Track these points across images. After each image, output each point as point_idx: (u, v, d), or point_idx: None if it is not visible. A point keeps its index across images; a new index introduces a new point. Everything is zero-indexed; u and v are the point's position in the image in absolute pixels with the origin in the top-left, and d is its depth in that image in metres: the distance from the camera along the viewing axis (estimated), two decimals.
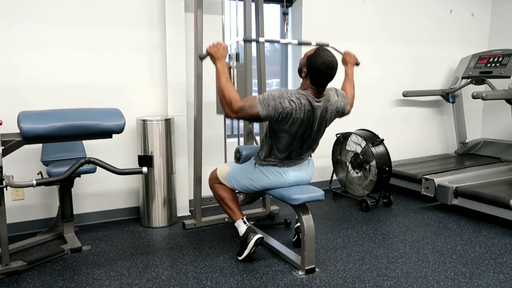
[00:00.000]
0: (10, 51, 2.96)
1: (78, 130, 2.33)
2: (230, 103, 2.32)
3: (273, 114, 2.31)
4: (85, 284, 2.37)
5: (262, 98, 2.32)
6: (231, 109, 2.33)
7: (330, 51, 2.35)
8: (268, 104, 2.30)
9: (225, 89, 2.32)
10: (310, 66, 2.32)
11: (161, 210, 3.31)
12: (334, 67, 2.32)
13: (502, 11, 5.11)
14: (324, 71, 2.30)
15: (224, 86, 2.33)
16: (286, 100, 2.30)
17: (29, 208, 3.16)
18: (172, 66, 3.41)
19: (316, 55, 2.31)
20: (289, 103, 2.30)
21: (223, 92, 2.33)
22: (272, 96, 2.31)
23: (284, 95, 2.31)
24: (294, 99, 2.32)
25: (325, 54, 2.31)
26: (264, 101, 2.30)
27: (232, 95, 2.32)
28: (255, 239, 2.59)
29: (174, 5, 3.34)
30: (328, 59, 2.30)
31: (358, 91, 4.43)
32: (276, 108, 2.30)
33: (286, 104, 2.30)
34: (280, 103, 2.29)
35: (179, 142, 3.49)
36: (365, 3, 4.35)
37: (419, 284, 2.37)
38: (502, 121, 5.07)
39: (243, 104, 2.33)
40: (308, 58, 2.35)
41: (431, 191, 3.74)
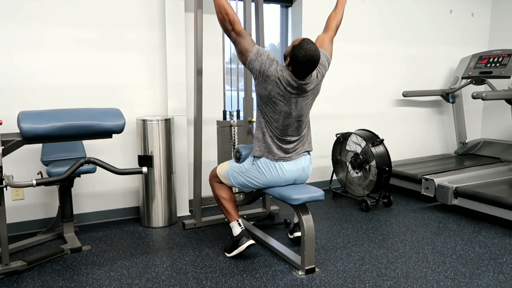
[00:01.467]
0: (10, 51, 2.96)
1: (78, 130, 2.33)
2: (233, 22, 2.41)
3: (256, 65, 2.41)
4: (85, 284, 2.37)
5: (259, 48, 2.45)
6: (233, 28, 2.42)
7: (314, 43, 2.39)
8: (261, 55, 2.41)
9: (228, 8, 2.40)
10: (292, 56, 2.38)
11: (161, 210, 3.31)
12: (316, 61, 2.37)
13: (502, 11, 5.12)
14: (304, 63, 2.35)
15: (227, 4, 2.41)
16: (274, 66, 2.41)
17: (29, 208, 3.16)
18: (172, 66, 3.41)
19: (300, 47, 2.35)
20: (275, 70, 2.40)
21: (226, 9, 2.39)
22: (267, 54, 2.43)
23: (275, 62, 2.43)
24: (279, 70, 2.42)
25: (308, 47, 2.34)
26: (259, 51, 2.43)
27: (236, 17, 2.42)
28: (247, 245, 2.64)
29: (174, 5, 3.34)
30: (311, 52, 2.34)
31: (359, 91, 4.47)
32: (262, 64, 2.40)
33: (272, 68, 2.40)
34: (269, 63, 2.40)
35: (179, 142, 3.49)
36: (365, 3, 4.35)
37: (419, 284, 2.37)
38: (502, 121, 5.08)
39: (244, 34, 2.44)
40: (292, 48, 2.39)
41: (431, 191, 3.74)
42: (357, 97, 4.51)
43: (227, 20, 2.40)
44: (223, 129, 3.26)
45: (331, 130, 4.14)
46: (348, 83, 4.39)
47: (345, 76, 4.36)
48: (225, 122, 3.27)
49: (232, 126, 3.28)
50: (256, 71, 2.44)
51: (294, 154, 2.61)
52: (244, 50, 2.45)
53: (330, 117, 4.31)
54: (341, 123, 4.35)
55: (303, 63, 2.34)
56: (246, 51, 2.44)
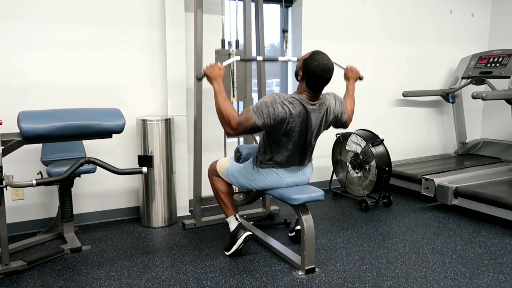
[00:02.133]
0: (10, 50, 2.96)
1: (78, 130, 2.33)
2: (228, 121, 2.33)
3: (269, 121, 2.30)
4: (85, 284, 2.37)
5: (255, 107, 2.32)
6: (230, 127, 2.34)
7: (326, 54, 2.35)
8: (262, 112, 2.29)
9: (223, 108, 2.33)
10: (305, 69, 2.32)
11: (161, 210, 3.31)
12: (330, 70, 2.32)
13: (502, 11, 5.12)
14: (319, 74, 2.30)
15: (222, 105, 2.34)
16: (279, 105, 2.30)
17: (29, 208, 3.16)
18: (172, 66, 3.41)
19: (311, 58, 2.31)
20: (282, 108, 2.30)
21: (221, 111, 2.34)
22: (264, 103, 2.30)
23: (277, 100, 2.31)
24: (287, 103, 2.32)
25: (320, 58, 2.30)
26: (258, 110, 2.30)
27: (230, 113, 2.33)
28: (244, 236, 2.64)
29: (174, 5, 3.34)
30: (323, 62, 2.29)
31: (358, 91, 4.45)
32: (270, 115, 2.29)
33: (280, 109, 2.30)
34: (273, 108, 2.29)
35: (179, 142, 3.49)
36: (365, 3, 4.35)
37: (419, 284, 2.37)
38: (502, 121, 5.08)
39: (240, 119, 2.33)
40: (304, 61, 2.35)
41: (431, 191, 3.74)
42: (357, 97, 4.47)
43: (222, 121, 2.35)
44: (222, 57, 3.10)
45: (331, 130, 4.12)
46: None
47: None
48: (224, 50, 3.14)
49: (230, 55, 3.14)
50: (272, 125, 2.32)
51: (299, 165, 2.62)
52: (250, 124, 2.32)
53: None
54: None
55: (317, 73, 2.29)
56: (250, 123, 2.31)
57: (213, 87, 2.43)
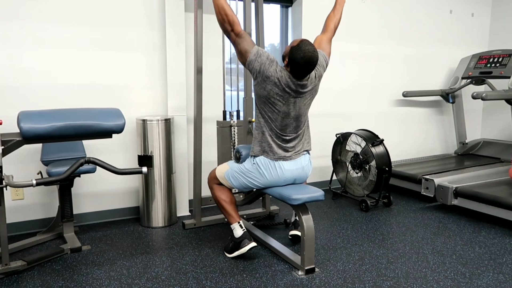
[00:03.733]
0: (10, 50, 2.96)
1: (78, 130, 2.33)
2: (233, 23, 2.41)
3: (258, 66, 2.41)
4: (85, 284, 2.37)
5: (259, 48, 2.46)
6: (233, 28, 2.42)
7: (313, 44, 2.40)
8: (261, 56, 2.42)
9: (227, 8, 2.40)
10: (290, 57, 2.39)
11: (161, 210, 3.31)
12: (314, 62, 2.39)
13: (502, 11, 5.12)
14: (302, 65, 2.37)
15: (226, 5, 2.41)
16: (274, 66, 2.42)
17: (28, 207, 3.16)
18: (172, 66, 3.41)
19: (298, 48, 2.36)
20: (275, 71, 2.41)
21: (226, 10, 2.40)
22: (266, 55, 2.44)
23: (274, 63, 2.44)
24: (279, 70, 2.43)
25: (306, 49, 2.35)
26: (258, 51, 2.44)
27: (235, 18, 2.43)
28: (249, 247, 2.64)
29: (174, 5, 3.34)
30: (309, 54, 2.35)
31: (358, 91, 4.47)
32: (262, 64, 2.41)
33: (271, 69, 2.41)
34: (268, 64, 2.41)
35: (179, 142, 3.49)
36: (365, 3, 4.35)
37: (419, 284, 2.37)
38: (502, 121, 5.07)
39: (243, 35, 2.44)
40: (291, 49, 2.41)
41: (431, 191, 3.74)
42: (357, 97, 4.51)
43: (227, 21, 2.41)
44: (223, 129, 3.26)
45: (331, 130, 4.13)
46: (348, 83, 4.39)
47: (345, 76, 4.36)
48: (225, 122, 3.28)
49: (232, 126, 3.28)
50: (255, 72, 2.44)
51: (294, 153, 2.61)
52: (244, 50, 2.45)
53: (330, 117, 4.31)
54: (341, 123, 4.35)
55: (301, 64, 2.36)
56: (245, 51, 2.45)
57: None
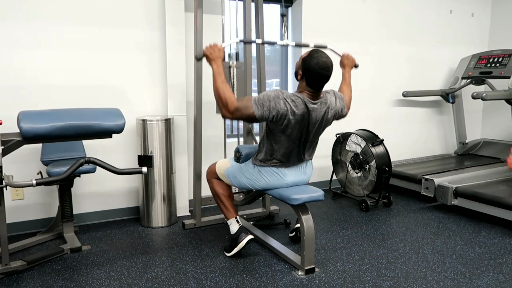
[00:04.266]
0: (10, 50, 2.96)
1: (78, 130, 2.33)
2: (226, 104, 2.33)
3: (268, 114, 2.31)
4: (85, 284, 2.37)
5: (257, 98, 2.33)
6: (227, 110, 2.34)
7: (324, 52, 2.36)
8: (263, 105, 2.30)
9: (221, 90, 2.34)
10: (304, 68, 2.34)
11: (161, 210, 3.31)
12: (329, 68, 2.33)
13: (502, 11, 5.11)
14: (318, 72, 2.31)
15: (220, 87, 2.35)
16: (282, 101, 2.31)
17: (28, 207, 3.16)
18: (172, 66, 3.41)
19: (310, 57, 2.32)
20: (284, 105, 2.31)
21: (219, 93, 2.34)
22: (267, 97, 2.32)
23: (280, 96, 2.32)
24: (290, 101, 2.32)
25: (319, 56, 2.31)
26: (259, 102, 2.31)
27: (228, 96, 2.34)
28: (246, 240, 2.63)
29: (174, 5, 3.34)
30: (322, 60, 2.30)
31: (358, 91, 4.45)
32: (271, 109, 2.30)
33: (281, 105, 2.30)
34: (275, 103, 2.30)
35: (179, 142, 3.49)
36: (365, 3, 4.35)
37: (419, 284, 2.37)
38: (502, 121, 5.07)
39: (238, 105, 2.34)
40: (303, 60, 2.36)
41: (431, 191, 3.74)
42: (357, 97, 4.47)
43: (220, 104, 2.35)
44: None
45: (331, 130, 4.09)
46: None
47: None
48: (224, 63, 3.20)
49: (231, 67, 3.16)
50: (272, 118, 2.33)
51: (298, 162, 2.62)
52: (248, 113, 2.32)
53: None
54: (341, 123, 4.32)
55: (317, 71, 2.30)
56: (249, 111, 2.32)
57: (212, 68, 2.42)
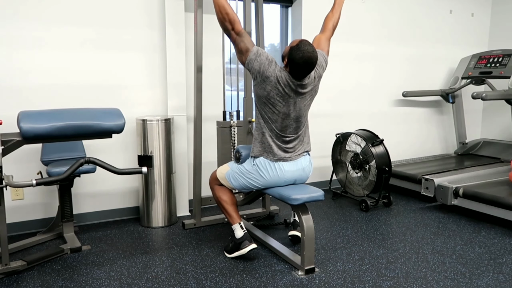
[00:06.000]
0: (10, 50, 2.96)
1: (78, 130, 2.33)
2: (233, 22, 2.42)
3: (257, 66, 2.41)
4: (85, 284, 2.37)
5: (259, 49, 2.46)
6: (233, 27, 2.43)
7: (312, 45, 2.40)
8: (260, 55, 2.42)
9: (228, 7, 2.41)
10: (290, 58, 2.39)
11: (161, 210, 3.31)
12: (313, 63, 2.39)
13: (502, 11, 5.11)
14: (302, 64, 2.37)
15: (227, 4, 2.42)
16: (273, 67, 2.42)
17: (28, 207, 3.16)
18: (172, 66, 3.41)
19: (297, 48, 2.37)
20: (274, 71, 2.41)
21: (226, 9, 2.41)
22: (266, 55, 2.45)
23: (273, 63, 2.44)
24: (277, 70, 2.43)
25: (306, 49, 2.35)
26: (259, 51, 2.44)
27: (236, 17, 2.43)
28: (249, 249, 2.63)
29: (174, 5, 3.34)
30: (308, 54, 2.35)
31: (358, 91, 4.47)
32: (261, 65, 2.41)
33: (271, 69, 2.41)
34: (267, 64, 2.41)
35: (179, 142, 3.49)
36: (365, 3, 4.35)
37: (419, 284, 2.37)
38: (502, 121, 5.07)
39: (244, 34, 2.45)
40: (290, 50, 2.41)
41: (430, 191, 3.74)
42: (357, 97, 4.50)
43: (227, 19, 2.41)
44: (223, 129, 3.26)
45: (331, 130, 4.13)
46: (348, 83, 4.39)
47: (345, 76, 4.36)
48: (225, 122, 3.28)
49: (232, 127, 3.28)
50: (255, 71, 2.44)
51: (294, 154, 2.61)
52: (244, 50, 2.46)
53: (330, 117, 4.31)
54: (341, 123, 4.35)
55: (301, 65, 2.36)
56: (245, 51, 2.45)
57: None
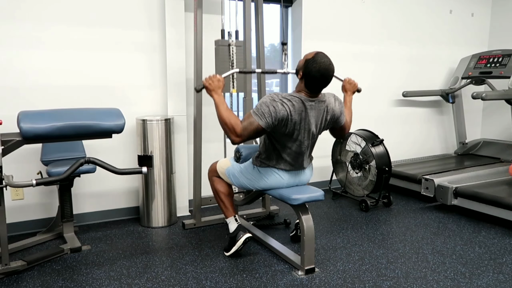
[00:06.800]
0: (10, 50, 2.96)
1: (77, 130, 2.33)
2: (233, 129, 2.31)
3: (271, 120, 2.29)
4: (85, 284, 2.37)
5: (256, 110, 2.31)
6: (236, 134, 2.31)
7: (328, 57, 2.35)
8: (264, 112, 2.28)
9: (226, 118, 2.32)
10: (306, 70, 2.33)
11: (161, 210, 3.31)
12: (330, 75, 2.33)
13: (502, 11, 5.12)
14: (318, 78, 2.31)
15: (224, 114, 2.33)
16: (279, 103, 2.30)
17: (28, 207, 3.16)
18: (172, 66, 3.41)
19: (313, 61, 2.31)
20: (282, 106, 2.30)
21: (225, 120, 2.32)
22: (264, 104, 2.30)
23: (275, 99, 2.31)
24: (286, 101, 2.32)
25: (322, 61, 2.30)
26: (258, 112, 2.30)
27: (233, 121, 2.31)
28: (244, 238, 2.64)
29: (174, 5, 3.34)
30: (325, 66, 2.30)
31: None
32: (272, 113, 2.28)
33: (280, 107, 2.29)
34: (273, 107, 2.28)
35: (179, 142, 3.49)
36: (365, 3, 4.35)
37: (419, 284, 2.37)
38: (502, 121, 5.07)
39: (244, 125, 2.31)
40: (305, 62, 2.35)
41: (430, 191, 3.74)
42: (357, 97, 4.47)
43: (227, 130, 2.33)
44: (221, 48, 3.12)
45: None
46: None
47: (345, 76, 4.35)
48: (223, 41, 3.15)
49: (230, 46, 3.15)
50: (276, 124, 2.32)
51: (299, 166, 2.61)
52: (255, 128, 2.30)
53: None
54: None
55: (317, 78, 2.30)
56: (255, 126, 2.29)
57: (213, 99, 2.42)
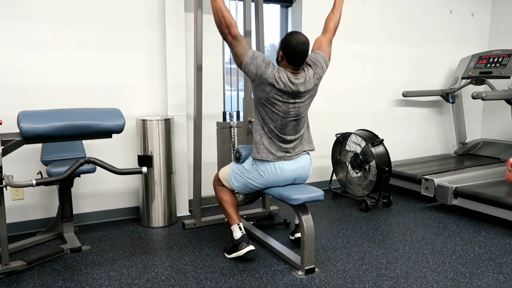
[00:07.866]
0: (10, 50, 2.96)
1: (78, 130, 2.34)
2: (230, 26, 2.45)
3: (252, 68, 2.43)
4: (85, 284, 2.37)
5: (252, 53, 2.46)
6: (230, 31, 2.46)
7: (302, 33, 2.50)
8: (256, 58, 2.44)
9: (225, 11, 2.44)
10: (284, 46, 2.47)
11: (161, 210, 3.31)
12: (306, 43, 2.47)
13: (502, 11, 5.11)
14: (298, 48, 2.44)
15: (224, 7, 2.44)
16: (270, 68, 2.44)
17: (28, 207, 3.16)
18: (172, 66, 3.41)
19: (289, 35, 2.49)
20: (272, 72, 2.43)
21: (223, 12, 2.44)
22: (262, 57, 2.46)
23: (270, 64, 2.46)
24: (275, 71, 2.45)
25: (297, 35, 2.47)
26: (254, 54, 2.46)
27: (232, 20, 2.47)
28: (246, 251, 2.64)
29: (174, 5, 3.34)
30: (302, 38, 2.46)
31: (358, 91, 4.47)
32: (258, 68, 2.43)
33: (269, 71, 2.42)
34: (265, 67, 2.42)
35: (179, 142, 3.49)
36: (365, 3, 4.35)
37: (419, 284, 2.37)
38: (502, 121, 5.07)
39: (240, 38, 2.47)
40: (282, 41, 2.51)
41: (430, 191, 3.74)
42: (357, 97, 4.51)
43: (224, 23, 2.44)
44: (222, 130, 3.26)
45: (331, 130, 4.13)
46: (348, 83, 4.39)
47: (345, 76, 4.36)
48: (224, 123, 3.28)
49: (231, 127, 3.28)
50: (252, 74, 2.46)
51: (294, 153, 2.62)
52: (239, 53, 2.48)
53: (330, 117, 4.31)
54: (341, 123, 4.35)
55: (296, 47, 2.43)
56: (241, 54, 2.47)
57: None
